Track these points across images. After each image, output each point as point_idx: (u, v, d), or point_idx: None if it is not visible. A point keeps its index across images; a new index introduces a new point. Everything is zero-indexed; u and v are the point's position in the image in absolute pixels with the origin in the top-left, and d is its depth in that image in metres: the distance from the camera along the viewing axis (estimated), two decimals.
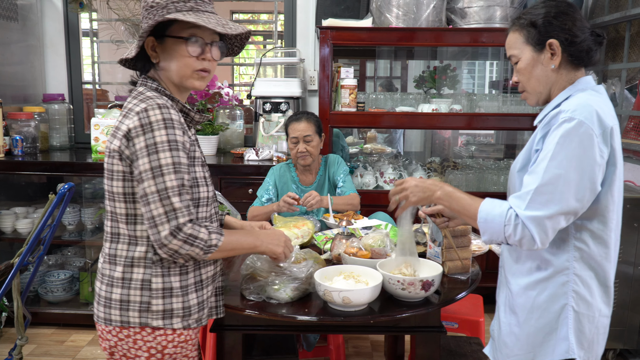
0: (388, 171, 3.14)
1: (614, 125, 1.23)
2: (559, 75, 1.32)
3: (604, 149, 1.20)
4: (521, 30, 1.34)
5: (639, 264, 2.63)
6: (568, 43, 1.28)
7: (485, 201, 1.28)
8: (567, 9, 1.30)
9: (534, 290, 1.32)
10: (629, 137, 2.94)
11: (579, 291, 1.28)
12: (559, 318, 1.29)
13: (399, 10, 3.06)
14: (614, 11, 3.00)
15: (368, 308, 1.53)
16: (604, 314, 1.32)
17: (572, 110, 1.20)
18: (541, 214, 1.18)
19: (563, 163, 1.18)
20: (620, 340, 2.70)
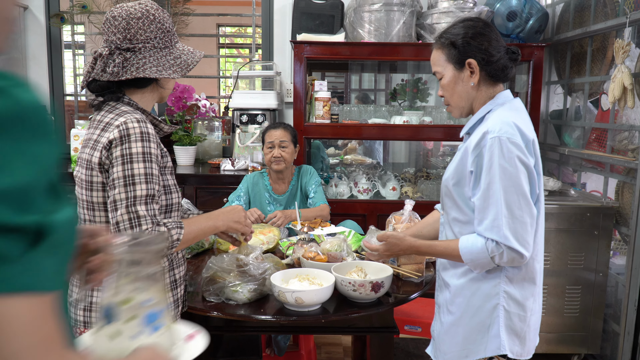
0: (362, 181, 3.22)
1: (534, 138, 1.35)
2: (479, 91, 1.42)
3: (531, 158, 1.31)
4: (443, 48, 1.44)
5: (600, 271, 2.72)
6: (485, 62, 1.39)
7: (460, 242, 1.35)
8: (484, 29, 1.41)
9: (469, 290, 1.39)
10: (592, 149, 3.04)
11: (510, 291, 1.36)
12: (492, 317, 1.36)
13: (370, 25, 3.17)
14: (577, 27, 3.12)
15: (322, 308, 1.60)
16: (534, 311, 1.41)
17: (497, 129, 1.30)
18: (518, 231, 1.28)
19: (513, 181, 1.27)
20: (584, 345, 2.77)
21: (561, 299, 2.72)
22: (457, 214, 1.42)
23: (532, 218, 1.30)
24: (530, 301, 1.39)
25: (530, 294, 1.39)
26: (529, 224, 1.29)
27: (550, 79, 3.49)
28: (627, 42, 2.59)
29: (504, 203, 1.27)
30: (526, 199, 1.28)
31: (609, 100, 2.63)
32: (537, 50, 3.13)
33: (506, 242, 1.27)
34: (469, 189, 1.36)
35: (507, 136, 1.28)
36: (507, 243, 1.27)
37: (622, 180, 2.72)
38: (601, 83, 3.04)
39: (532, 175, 1.31)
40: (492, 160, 1.28)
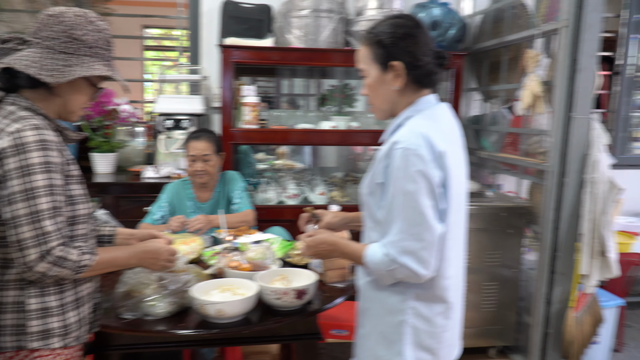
0: (290, 186, 3.23)
1: (445, 150, 1.26)
2: (403, 95, 1.35)
3: (437, 172, 1.24)
4: (369, 46, 1.34)
5: (514, 267, 2.89)
6: (411, 66, 1.31)
7: (367, 249, 1.30)
8: (413, 30, 1.32)
9: (378, 303, 1.35)
10: (506, 152, 3.22)
11: (417, 307, 1.30)
12: (396, 332, 1.31)
13: (299, 31, 3.19)
14: (494, 37, 3.29)
15: (245, 319, 1.59)
16: (448, 327, 1.35)
17: (405, 140, 1.24)
18: (414, 249, 1.23)
19: (414, 196, 1.22)
20: (500, 337, 2.94)
21: (479, 294, 2.86)
22: (372, 224, 1.37)
23: (432, 236, 1.23)
24: (440, 318, 1.33)
25: (439, 311, 1.32)
26: (428, 241, 1.23)
27: (470, 86, 3.66)
28: (538, 53, 2.77)
29: (403, 219, 1.23)
30: (425, 216, 1.22)
31: (522, 107, 2.79)
32: (457, 58, 3.27)
33: (401, 259, 1.23)
34: (379, 199, 1.31)
35: (413, 148, 1.22)
36: (402, 260, 1.23)
37: (534, 181, 2.90)
38: (515, 90, 3.22)
39: (436, 191, 1.24)
40: (397, 173, 1.23)
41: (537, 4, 2.94)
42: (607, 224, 2.49)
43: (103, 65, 1.34)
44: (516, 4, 3.11)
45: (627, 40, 3.78)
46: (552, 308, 2.63)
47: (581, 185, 2.53)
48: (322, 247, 1.46)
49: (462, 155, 1.40)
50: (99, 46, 1.33)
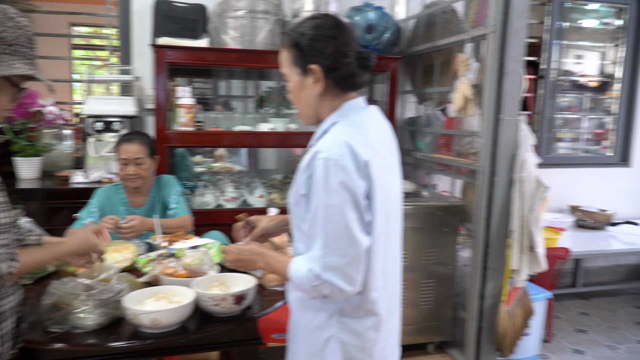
0: (229, 190, 3.17)
1: (370, 159, 1.20)
2: (325, 100, 1.28)
3: (361, 183, 1.18)
4: (288, 48, 1.28)
5: (450, 264, 2.98)
6: (330, 69, 1.24)
7: (291, 263, 1.25)
8: (333, 30, 1.25)
9: (306, 319, 1.31)
10: (441, 153, 3.32)
11: (346, 322, 1.26)
12: (326, 349, 1.27)
13: (235, 32, 3.14)
14: (427, 41, 3.38)
15: (181, 327, 1.54)
16: (379, 340, 1.31)
17: (326, 150, 1.17)
18: (339, 265, 1.17)
19: (338, 210, 1.16)
20: (438, 333, 3.02)
21: (416, 292, 2.93)
22: (299, 234, 1.31)
23: (357, 250, 1.18)
24: (371, 331, 1.28)
25: (369, 325, 1.28)
26: (352, 257, 1.17)
27: (405, 89, 3.75)
28: (468, 57, 2.87)
29: (326, 234, 1.16)
30: (349, 230, 1.16)
31: (454, 109, 2.89)
32: (392, 61, 3.34)
33: (325, 275, 1.17)
34: (303, 210, 1.24)
35: (335, 158, 1.15)
36: (325, 277, 1.17)
37: (467, 180, 3.00)
38: (448, 93, 3.33)
39: (360, 203, 1.18)
40: (319, 185, 1.17)
41: (466, 10, 3.05)
42: (535, 220, 2.62)
43: (24, 64, 1.26)
44: (447, 9, 3.21)
45: (550, 45, 4.01)
46: (486, 303, 2.74)
47: (510, 184, 2.64)
48: (245, 257, 1.39)
49: (393, 160, 1.35)
50: (19, 44, 1.25)
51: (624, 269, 4.52)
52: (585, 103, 4.42)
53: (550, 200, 4.01)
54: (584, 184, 4.28)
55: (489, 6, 2.63)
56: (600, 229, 3.93)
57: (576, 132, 4.43)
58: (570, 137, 4.47)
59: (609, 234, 3.85)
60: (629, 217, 4.29)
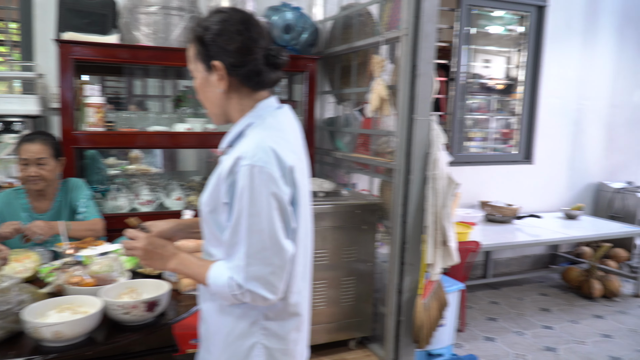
0: (144, 192, 3.05)
1: (294, 164, 1.18)
2: (233, 98, 1.23)
3: (286, 189, 1.16)
4: (194, 44, 1.22)
5: (370, 261, 3.05)
6: (233, 66, 1.19)
7: (211, 269, 1.19)
8: (238, 25, 1.20)
9: (226, 328, 1.25)
10: (359, 152, 3.39)
11: (270, 327, 1.24)
12: (249, 356, 1.24)
13: (148, 28, 3.03)
14: (344, 43, 3.44)
15: (88, 339, 1.45)
16: (299, 340, 1.31)
17: (251, 156, 1.13)
18: (262, 275, 1.14)
19: (263, 218, 1.12)
20: (359, 329, 3.08)
21: (337, 290, 2.97)
22: (215, 243, 1.25)
23: (282, 259, 1.15)
24: (293, 333, 1.28)
25: (293, 326, 1.27)
26: (277, 265, 1.15)
27: (324, 89, 3.79)
28: (383, 59, 2.95)
29: (250, 243, 1.13)
30: (275, 239, 1.13)
31: (370, 109, 2.95)
32: (310, 62, 3.36)
33: (247, 285, 1.14)
34: (225, 218, 1.19)
35: (261, 165, 1.11)
36: (248, 286, 1.14)
37: (384, 179, 3.09)
38: (365, 93, 3.40)
39: (286, 210, 1.16)
40: (243, 193, 1.12)
41: (381, 13, 3.13)
42: (447, 216, 2.74)
43: None
44: (363, 12, 3.28)
45: (459, 49, 4.21)
46: (403, 297, 2.82)
47: (424, 181, 2.74)
48: (157, 251, 1.27)
49: (305, 161, 1.31)
50: None
51: (529, 259, 4.84)
52: (493, 104, 4.69)
53: (462, 197, 4.22)
54: (493, 181, 4.55)
55: (401, 10, 2.72)
56: (508, 222, 4.19)
57: (485, 132, 4.69)
58: (480, 137, 4.73)
59: (515, 226, 4.11)
60: (532, 210, 4.61)
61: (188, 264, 1.26)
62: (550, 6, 4.42)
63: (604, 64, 4.85)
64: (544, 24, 4.44)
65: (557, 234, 3.93)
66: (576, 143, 4.87)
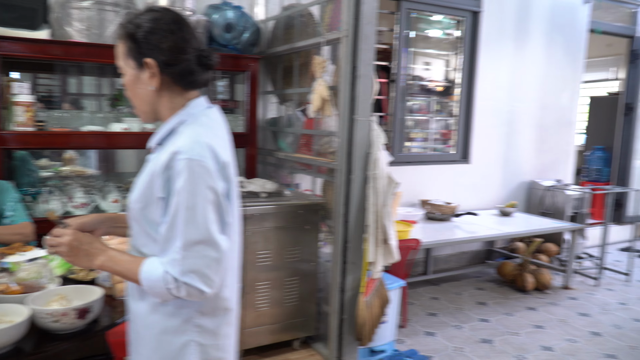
0: (78, 195, 2.93)
1: (228, 160, 1.22)
2: (164, 96, 1.24)
3: (222, 184, 1.18)
4: (124, 40, 1.23)
5: (313, 261, 3.06)
6: (166, 64, 1.21)
7: (144, 264, 1.18)
8: (171, 24, 1.22)
9: (159, 326, 1.24)
10: (302, 152, 3.40)
11: (202, 324, 1.25)
12: (182, 354, 1.24)
13: (81, 24, 2.91)
14: (286, 43, 3.44)
15: (15, 349, 1.38)
16: (229, 335, 1.33)
17: (188, 150, 1.14)
18: (198, 267, 1.15)
19: (199, 211, 1.14)
20: (303, 329, 3.08)
21: (281, 290, 2.96)
22: (146, 240, 1.24)
23: (217, 252, 1.17)
24: (225, 328, 1.31)
25: (225, 322, 1.30)
26: (213, 259, 1.16)
27: (266, 89, 3.77)
28: (325, 59, 2.97)
29: (186, 237, 1.13)
30: (210, 232, 1.15)
31: (313, 110, 2.97)
32: (252, 61, 3.34)
33: (183, 278, 1.14)
34: (159, 214, 1.18)
35: (198, 159, 1.14)
36: (184, 279, 1.14)
37: (326, 179, 3.11)
38: (307, 94, 3.41)
39: (222, 204, 1.18)
40: (180, 186, 1.13)
41: (322, 14, 3.16)
42: (387, 214, 2.79)
43: None
44: (304, 12, 3.30)
45: (399, 52, 4.31)
46: (346, 295, 2.86)
47: (365, 181, 2.79)
48: (84, 247, 1.23)
49: (233, 160, 1.32)
50: None
51: (467, 255, 5.02)
52: (432, 106, 4.83)
53: (403, 196, 4.32)
54: (433, 180, 4.69)
55: (341, 11, 2.75)
56: (447, 220, 4.33)
57: (426, 133, 4.83)
58: (421, 137, 4.86)
59: (454, 224, 4.25)
60: (469, 208, 4.78)
61: (118, 260, 1.23)
62: (484, 12, 4.60)
63: (534, 68, 5.10)
64: (479, 29, 4.62)
65: (493, 230, 4.10)
66: (509, 143, 5.10)
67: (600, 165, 6.48)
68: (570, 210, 4.86)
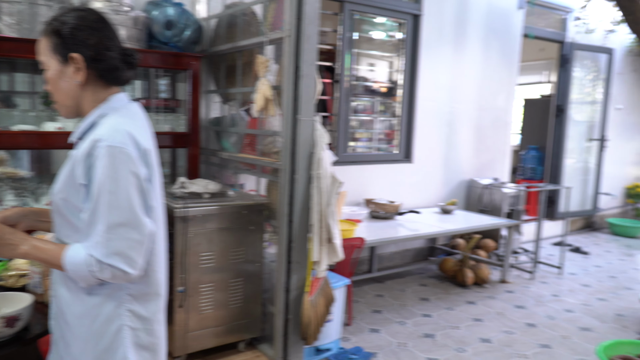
0: (8, 198, 2.78)
1: (149, 147, 1.28)
2: (87, 91, 1.29)
3: (143, 170, 1.24)
4: (49, 37, 1.28)
5: (258, 262, 3.04)
6: (92, 59, 1.27)
7: (67, 249, 1.21)
8: (96, 23, 1.29)
9: (88, 318, 1.26)
10: (246, 152, 3.37)
11: (134, 309, 1.28)
12: (116, 340, 1.26)
13: (10, 18, 2.77)
14: (229, 42, 3.40)
15: None
16: (160, 321, 1.38)
17: (108, 137, 1.19)
18: (121, 249, 1.18)
19: (122, 194, 1.18)
20: (248, 330, 3.06)
21: (226, 292, 2.93)
22: (69, 232, 1.27)
23: (141, 234, 1.22)
24: (156, 314, 1.35)
25: (155, 307, 1.34)
26: (136, 240, 1.20)
27: (209, 88, 3.72)
28: (268, 59, 2.96)
29: (109, 220, 1.18)
30: (134, 214, 1.20)
31: (256, 109, 2.95)
32: (193, 60, 3.28)
33: (107, 260, 1.17)
34: (81, 201, 1.23)
35: (119, 145, 1.19)
36: (109, 261, 1.17)
37: (270, 179, 3.10)
38: (250, 93, 3.39)
39: (144, 188, 1.24)
40: (102, 171, 1.18)
41: (265, 13, 3.15)
42: (332, 214, 2.82)
43: None
44: (247, 11, 3.27)
45: (343, 53, 4.36)
46: (291, 295, 2.86)
47: (309, 180, 2.80)
48: (6, 236, 1.23)
49: (157, 157, 1.37)
50: None
51: (411, 252, 5.15)
52: (377, 106, 4.92)
53: (348, 195, 4.37)
54: (377, 179, 4.77)
55: (284, 11, 2.75)
56: (390, 218, 4.41)
57: (371, 133, 4.91)
58: (366, 137, 4.93)
59: (397, 222, 4.34)
60: (412, 206, 4.90)
61: (41, 248, 1.24)
62: (424, 15, 4.73)
63: (471, 71, 5.29)
64: (420, 32, 4.74)
65: (434, 227, 4.22)
66: (449, 143, 5.26)
67: (534, 164, 6.82)
68: (507, 207, 5.08)
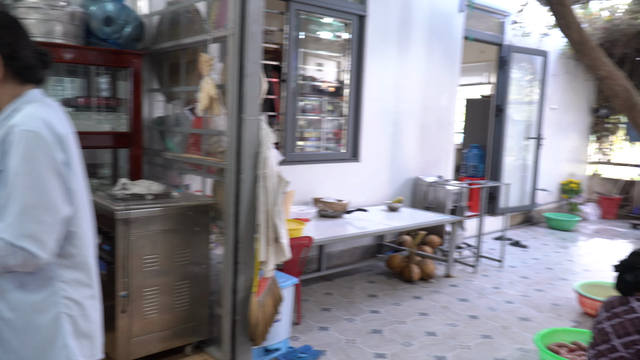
0: None
1: (66, 133, 1.32)
2: (4, 88, 1.33)
3: (60, 154, 1.27)
4: None
5: (204, 263, 3.00)
6: (8, 57, 1.31)
7: None
8: (11, 23, 1.34)
9: (24, 310, 1.30)
10: (190, 152, 3.31)
11: (69, 295, 1.33)
12: (54, 328, 1.31)
13: None
14: (172, 39, 3.32)
15: None
16: (96, 308, 1.43)
17: (23, 123, 1.23)
18: (34, 232, 1.20)
19: (37, 177, 1.22)
20: (195, 334, 3.01)
21: (171, 295, 2.86)
22: None
23: (54, 218, 1.24)
24: (89, 300, 1.40)
25: (88, 294, 1.39)
26: (48, 223, 1.23)
27: (152, 87, 3.62)
28: (212, 57, 2.91)
29: (23, 202, 1.20)
30: (48, 196, 1.23)
31: (200, 109, 2.90)
32: (135, 57, 3.19)
33: (19, 242, 1.19)
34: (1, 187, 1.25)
35: (33, 129, 1.22)
36: (20, 244, 1.19)
37: (216, 179, 3.06)
38: (195, 92, 3.32)
39: (62, 171, 1.27)
40: (17, 155, 1.21)
41: (208, 11, 3.10)
42: (278, 213, 2.81)
43: None
44: (190, 8, 3.21)
45: (290, 52, 4.35)
46: (238, 296, 2.83)
47: (255, 180, 2.78)
48: None
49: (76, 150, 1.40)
50: None
51: (359, 250, 5.21)
52: (325, 106, 4.94)
53: (296, 194, 4.37)
54: (324, 178, 4.79)
55: (228, 9, 2.72)
56: (339, 217, 4.45)
57: (319, 132, 4.93)
58: (315, 137, 4.95)
59: (346, 220, 4.38)
60: (360, 204, 4.96)
61: None
62: (370, 16, 4.80)
63: (415, 71, 5.42)
64: (365, 33, 4.80)
65: (382, 225, 4.29)
66: (395, 142, 5.36)
67: (476, 162, 7.05)
68: (451, 204, 5.23)
